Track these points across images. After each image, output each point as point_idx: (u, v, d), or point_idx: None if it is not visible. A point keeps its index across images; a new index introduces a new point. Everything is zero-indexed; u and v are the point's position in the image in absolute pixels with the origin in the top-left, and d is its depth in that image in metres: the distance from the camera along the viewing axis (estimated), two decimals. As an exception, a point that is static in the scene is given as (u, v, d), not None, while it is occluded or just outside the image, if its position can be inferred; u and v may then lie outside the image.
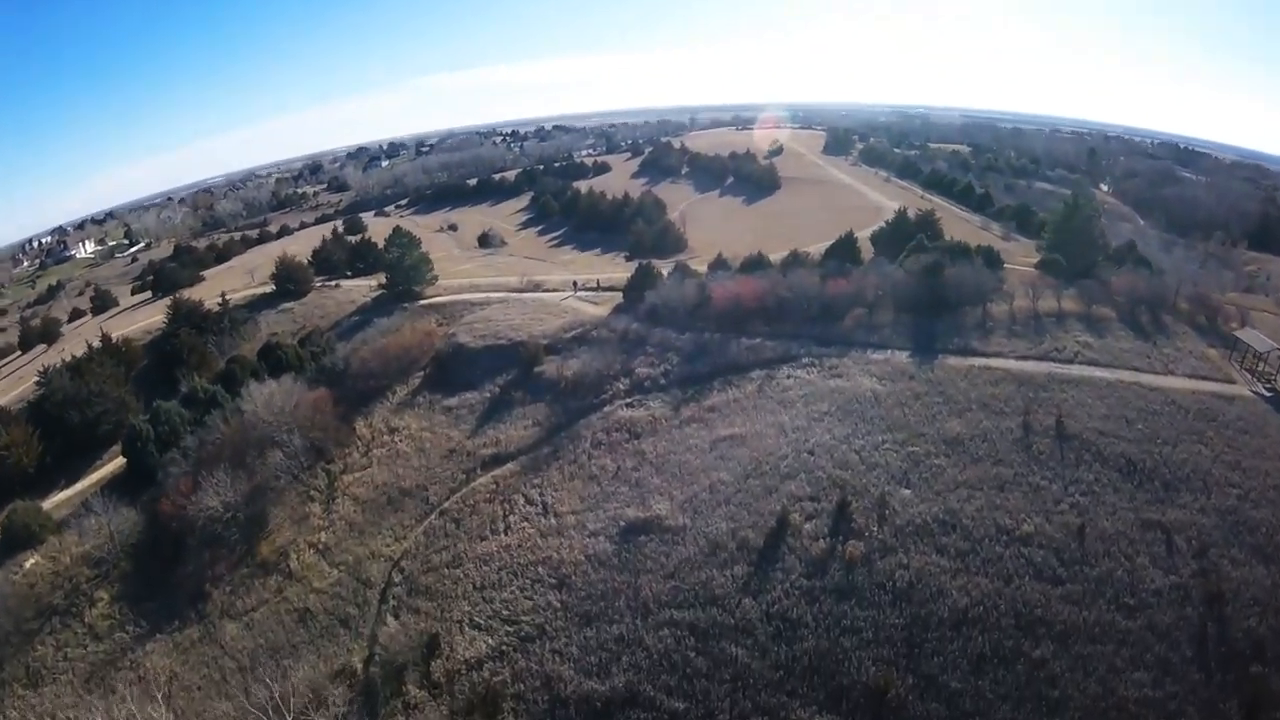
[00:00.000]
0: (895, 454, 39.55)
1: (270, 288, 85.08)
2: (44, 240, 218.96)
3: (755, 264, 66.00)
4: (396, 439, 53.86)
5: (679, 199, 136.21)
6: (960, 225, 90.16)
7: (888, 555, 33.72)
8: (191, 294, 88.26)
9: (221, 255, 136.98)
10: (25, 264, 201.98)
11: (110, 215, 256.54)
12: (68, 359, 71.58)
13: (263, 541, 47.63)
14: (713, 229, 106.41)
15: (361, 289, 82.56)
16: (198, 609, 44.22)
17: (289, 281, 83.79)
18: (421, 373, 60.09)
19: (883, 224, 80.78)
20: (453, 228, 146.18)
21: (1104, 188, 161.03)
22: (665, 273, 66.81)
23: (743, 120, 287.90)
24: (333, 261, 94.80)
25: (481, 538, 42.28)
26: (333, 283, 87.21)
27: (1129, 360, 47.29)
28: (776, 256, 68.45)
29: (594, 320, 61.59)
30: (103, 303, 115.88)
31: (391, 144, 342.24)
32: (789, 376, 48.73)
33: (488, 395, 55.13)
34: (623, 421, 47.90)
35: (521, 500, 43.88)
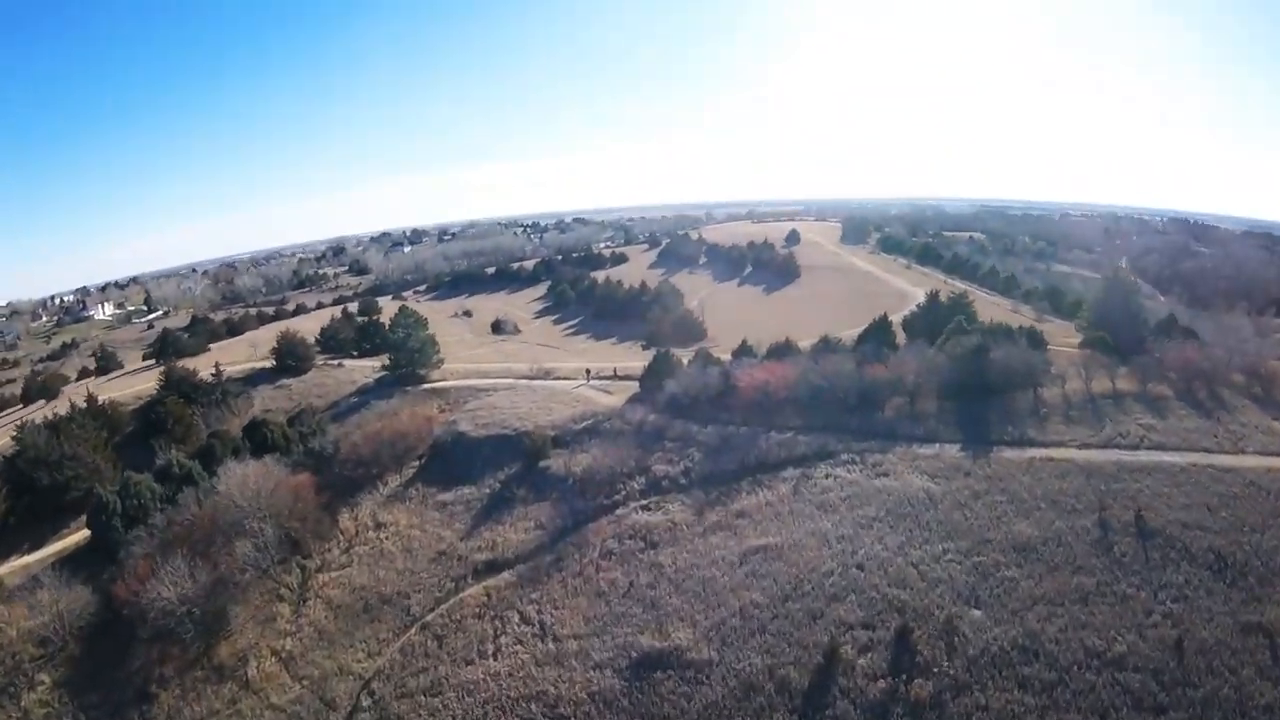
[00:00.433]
0: (959, 566, 34.24)
1: (270, 362, 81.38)
2: (66, 299, 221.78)
3: (783, 350, 61.19)
4: (382, 536, 48.19)
5: (697, 288, 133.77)
6: (990, 308, 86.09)
7: (961, 694, 28.26)
8: (194, 363, 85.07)
9: (235, 329, 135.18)
10: (44, 319, 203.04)
11: (134, 280, 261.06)
12: (52, 416, 67.50)
13: (222, 642, 42.28)
14: (733, 317, 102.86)
15: (365, 369, 78.48)
16: (142, 711, 38.93)
17: (290, 357, 79.90)
18: (417, 462, 54.82)
19: (914, 308, 76.52)
20: (467, 313, 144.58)
21: (1122, 265, 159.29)
22: (685, 360, 62.21)
23: (758, 215, 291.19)
24: (339, 340, 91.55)
25: (467, 661, 36.14)
26: (335, 361, 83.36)
27: (1197, 441, 43.34)
28: (805, 343, 63.75)
29: (607, 410, 56.59)
30: (107, 364, 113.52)
31: (415, 231, 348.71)
32: (828, 475, 43.25)
33: (487, 490, 49.69)
34: (637, 527, 42.20)
35: (516, 618, 37.84)
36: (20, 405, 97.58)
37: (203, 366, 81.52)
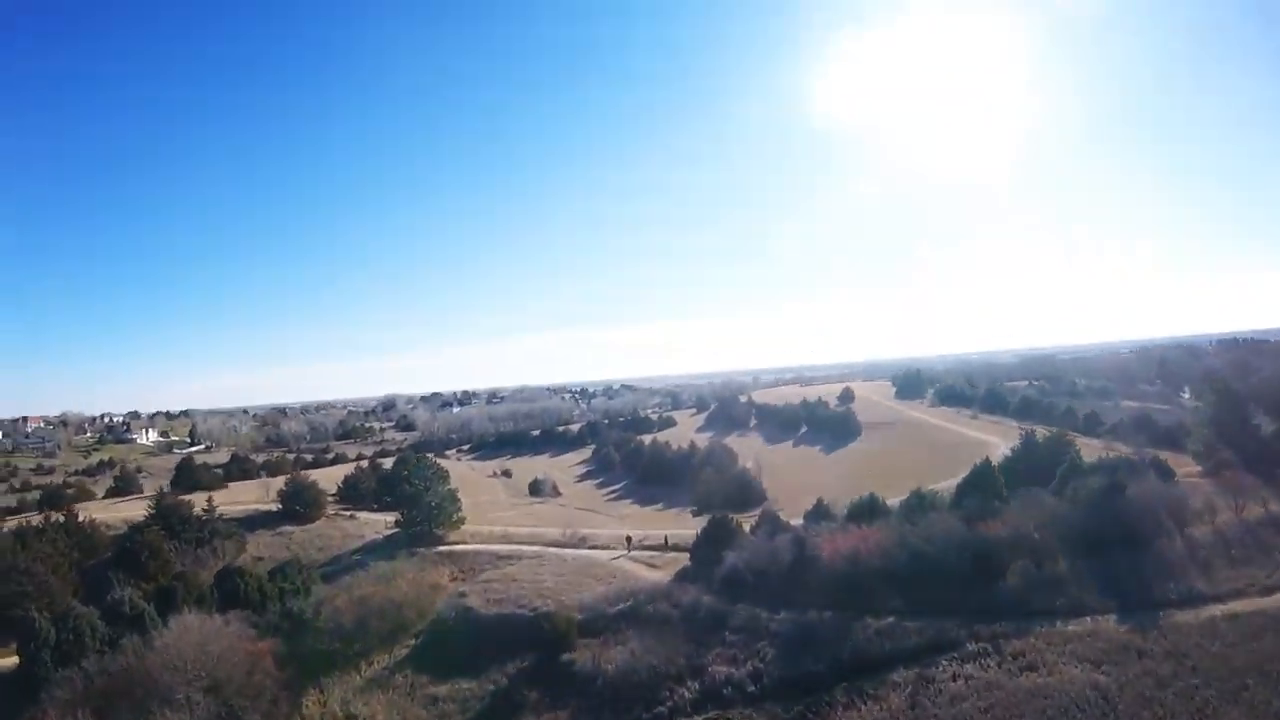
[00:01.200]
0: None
1: (276, 506, 73.40)
2: (116, 418, 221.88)
3: (868, 509, 49.82)
4: (351, 734, 37.05)
5: (750, 450, 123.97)
6: (1084, 448, 75.79)
7: None
8: (204, 497, 77.98)
9: (272, 470, 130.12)
10: (89, 435, 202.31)
11: (185, 414, 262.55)
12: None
13: None
14: (793, 478, 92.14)
15: (378, 524, 69.69)
16: None
17: (297, 502, 71.82)
18: (412, 641, 44.24)
19: (1006, 452, 66.13)
20: (506, 473, 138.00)
21: (1185, 394, 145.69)
22: (746, 527, 51.49)
23: (805, 379, 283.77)
24: (360, 490, 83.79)
25: None
26: (348, 513, 74.97)
27: (1391, 562, 35.72)
28: (892, 500, 52.88)
29: (651, 588, 45.73)
30: (126, 485, 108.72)
31: (465, 393, 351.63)
32: (955, 676, 31.68)
33: (490, 686, 38.50)
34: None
35: None
36: (36, 512, 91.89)
37: (207, 502, 74.51)
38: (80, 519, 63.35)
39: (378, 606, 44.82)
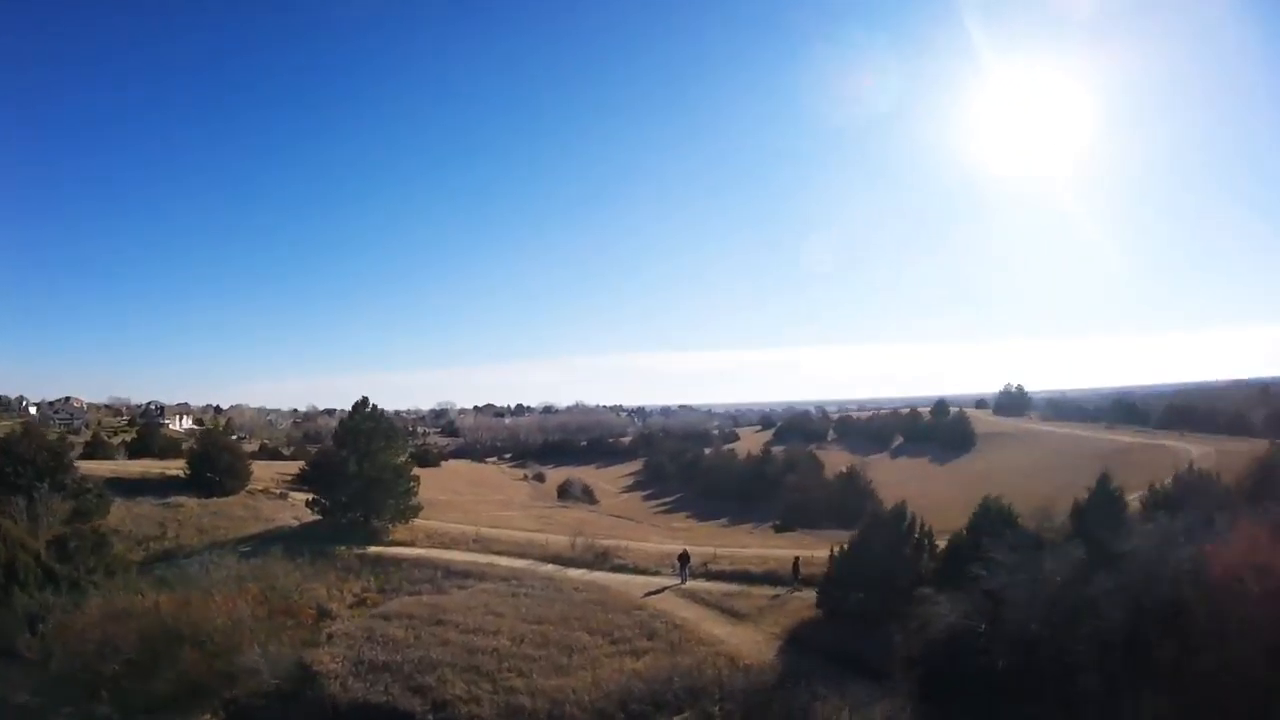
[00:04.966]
0: None
1: (183, 472, 52.36)
2: (162, 405, 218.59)
3: None
4: None
5: (837, 463, 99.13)
6: None
7: None
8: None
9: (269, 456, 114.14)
10: (123, 418, 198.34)
11: (235, 408, 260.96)
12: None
13: None
14: (913, 493, 67.77)
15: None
16: None
17: (208, 469, 51.17)
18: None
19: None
20: (539, 478, 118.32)
21: None
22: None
23: (871, 411, 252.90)
24: (324, 471, 63.41)
25: None
26: (278, 490, 53.36)
27: None
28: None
29: (729, 667, 21.86)
30: (93, 451, 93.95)
31: (519, 406, 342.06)
32: None
33: None
34: None
35: None
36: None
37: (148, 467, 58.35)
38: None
39: (139, 635, 21.53)
